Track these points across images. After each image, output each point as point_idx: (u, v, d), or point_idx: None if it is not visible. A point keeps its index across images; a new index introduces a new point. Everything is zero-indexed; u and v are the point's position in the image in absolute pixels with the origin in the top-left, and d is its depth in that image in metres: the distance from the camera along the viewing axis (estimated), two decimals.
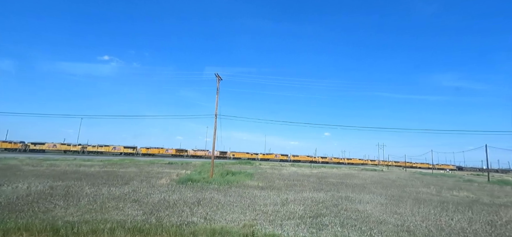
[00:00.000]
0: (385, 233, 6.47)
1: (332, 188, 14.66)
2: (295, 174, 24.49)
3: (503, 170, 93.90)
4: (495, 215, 9.32)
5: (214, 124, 16.65)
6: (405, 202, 11.14)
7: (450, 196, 14.54)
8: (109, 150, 64.45)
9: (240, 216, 7.32)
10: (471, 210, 9.99)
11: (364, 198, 11.70)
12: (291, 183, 16.12)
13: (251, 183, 14.99)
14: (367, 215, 8.17)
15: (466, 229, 7.20)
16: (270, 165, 47.42)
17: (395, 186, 18.11)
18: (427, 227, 7.21)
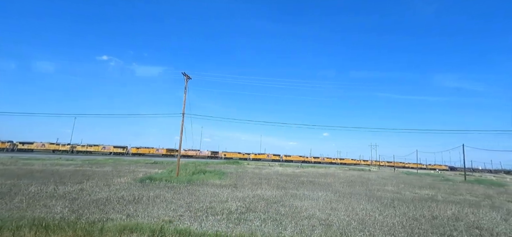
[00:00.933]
0: (300, 226, 6.64)
1: (292, 186, 14.83)
2: (273, 173, 24.67)
3: (496, 171, 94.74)
4: (428, 210, 9.52)
5: (181, 123, 16.74)
6: (352, 199, 11.34)
7: (409, 193, 14.79)
8: (98, 150, 64.24)
9: (169, 212, 7.45)
10: (412, 206, 10.21)
11: (314, 195, 11.89)
12: (258, 182, 16.26)
13: (216, 182, 15.11)
14: (299, 211, 8.34)
15: (384, 222, 7.42)
16: (258, 164, 47.58)
17: (363, 185, 18.33)
18: (349, 221, 7.39)
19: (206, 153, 75.09)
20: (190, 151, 74.03)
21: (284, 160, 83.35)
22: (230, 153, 78.48)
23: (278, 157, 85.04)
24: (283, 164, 60.29)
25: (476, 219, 8.63)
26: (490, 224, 8.05)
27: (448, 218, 8.58)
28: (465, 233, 6.98)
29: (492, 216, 9.29)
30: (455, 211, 9.93)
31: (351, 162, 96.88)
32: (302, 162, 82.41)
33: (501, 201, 13.56)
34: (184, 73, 16.84)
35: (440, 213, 9.24)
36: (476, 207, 11.14)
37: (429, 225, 7.62)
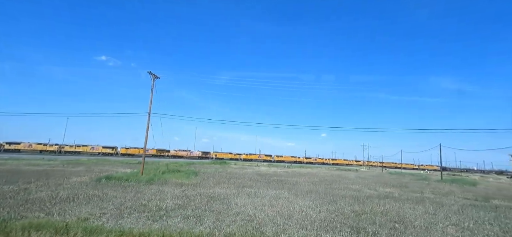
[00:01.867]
0: (219, 222, 6.70)
1: (254, 185, 14.90)
2: (251, 173, 24.72)
3: (488, 171, 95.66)
4: (366, 207, 9.65)
5: (147, 122, 16.73)
6: (302, 197, 11.43)
7: (369, 191, 14.95)
8: (87, 150, 63.84)
9: (95, 210, 7.45)
10: (355, 203, 10.34)
11: (267, 193, 12.01)
12: (224, 181, 16.31)
13: (180, 181, 15.12)
14: (232, 208, 8.41)
15: (309, 216, 7.59)
16: (245, 165, 47.62)
17: (331, 184, 18.47)
18: (274, 216, 7.47)
19: (197, 154, 74.95)
20: (180, 151, 73.88)
21: (276, 160, 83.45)
22: (222, 154, 78.41)
23: (270, 157, 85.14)
24: (272, 164, 60.37)
25: (404, 214, 8.81)
26: (412, 218, 8.21)
27: (378, 213, 8.73)
28: (380, 226, 7.11)
29: (423, 211, 9.48)
30: (394, 206, 10.10)
31: (343, 163, 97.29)
32: (294, 162, 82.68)
33: (452, 198, 13.71)
34: (150, 72, 16.85)
35: (374, 209, 9.39)
36: (419, 203, 11.34)
37: (352, 219, 7.75)
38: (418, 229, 7.21)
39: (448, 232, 7.08)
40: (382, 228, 7.07)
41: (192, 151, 74.95)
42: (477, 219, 8.85)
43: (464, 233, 7.12)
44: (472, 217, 9.05)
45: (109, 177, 13.62)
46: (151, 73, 16.86)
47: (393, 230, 7.02)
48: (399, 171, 52.63)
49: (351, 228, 6.94)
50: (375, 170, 56.87)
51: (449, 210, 10.26)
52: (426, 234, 6.82)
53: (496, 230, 7.48)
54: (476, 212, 10.12)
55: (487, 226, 7.94)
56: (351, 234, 6.47)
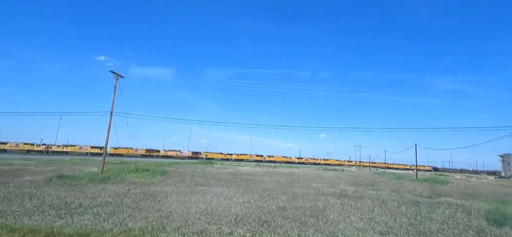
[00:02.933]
0: (133, 218, 6.82)
1: (213, 184, 15.07)
2: (224, 173, 24.81)
3: (481, 172, 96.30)
4: (300, 203, 9.82)
5: (108, 121, 16.79)
6: (249, 194, 11.58)
7: (325, 189, 15.21)
8: (75, 151, 63.64)
9: (11, 208, 7.54)
10: (295, 199, 10.50)
11: (218, 191, 12.20)
12: (189, 180, 16.53)
13: (140, 180, 15.24)
14: (158, 205, 8.55)
15: (232, 211, 7.85)
16: (233, 164, 47.76)
17: (294, 182, 18.69)
18: (196, 211, 7.67)
19: (188, 154, 74.89)
20: (170, 151, 73.80)
21: (267, 160, 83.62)
22: (212, 154, 78.44)
23: (261, 157, 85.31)
24: (261, 164, 60.49)
25: (328, 209, 9.03)
26: (332, 213, 8.45)
27: (302, 208, 8.98)
28: (293, 220, 7.30)
29: (353, 206, 9.72)
30: (329, 203, 10.37)
31: (335, 163, 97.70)
32: (285, 162, 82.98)
33: (402, 195, 13.90)
34: (113, 72, 16.93)
35: (303, 205, 9.61)
36: (360, 200, 11.54)
37: (271, 214, 7.97)
38: (328, 222, 7.39)
39: (353, 223, 7.29)
40: (292, 222, 7.26)
41: (182, 151, 74.90)
42: (398, 212, 9.07)
43: (371, 223, 7.34)
44: (397, 212, 9.26)
45: (62, 176, 13.68)
46: (114, 72, 16.94)
47: (302, 224, 7.20)
48: (380, 171, 53.07)
49: (261, 222, 7.12)
50: (364, 170, 57.24)
51: (383, 205, 10.47)
52: (331, 225, 7.01)
53: (404, 221, 7.72)
54: (407, 207, 10.34)
55: (402, 218, 8.16)
56: (257, 227, 6.62)
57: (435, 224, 7.89)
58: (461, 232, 7.21)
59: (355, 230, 6.93)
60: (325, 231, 6.70)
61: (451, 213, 9.79)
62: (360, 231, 6.90)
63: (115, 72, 16.96)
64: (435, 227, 7.52)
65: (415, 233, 6.93)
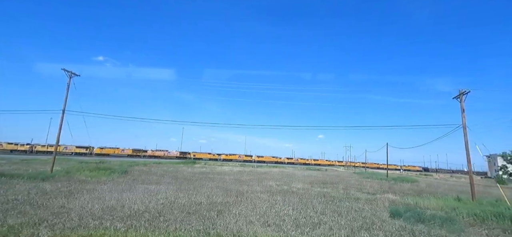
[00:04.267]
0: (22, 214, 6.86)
1: (160, 181, 15.11)
2: (191, 172, 24.86)
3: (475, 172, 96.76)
4: (219, 199, 9.88)
5: (60, 120, 16.78)
6: (177, 192, 11.64)
7: (278, 187, 15.35)
8: (59, 150, 63.17)
9: None
10: (230, 196, 10.60)
11: (150, 188, 12.20)
12: (146, 179, 16.55)
13: (87, 179, 15.26)
14: (68, 200, 8.60)
15: (136, 208, 7.82)
16: (215, 164, 47.74)
17: (253, 181, 18.77)
18: (114, 205, 7.67)
19: (175, 154, 74.69)
20: (157, 151, 73.62)
21: (256, 161, 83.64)
22: (200, 154, 78.35)
23: (250, 157, 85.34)
24: (246, 164, 60.54)
25: (238, 204, 9.09)
26: (239, 206, 8.54)
27: (220, 204, 9.11)
28: (193, 214, 7.37)
29: (279, 200, 9.81)
30: (263, 198, 10.39)
31: (325, 163, 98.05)
32: (275, 163, 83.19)
33: (347, 192, 14.04)
34: (65, 70, 16.92)
35: (228, 200, 9.81)
36: (290, 195, 11.65)
37: (177, 208, 7.98)
38: (224, 217, 7.50)
39: (249, 217, 7.41)
40: (189, 216, 7.36)
41: (169, 151, 74.72)
42: (309, 206, 9.22)
43: (265, 216, 7.45)
44: (309, 206, 9.40)
45: (3, 175, 13.65)
46: (66, 70, 16.93)
47: (199, 218, 7.29)
48: (359, 171, 53.35)
49: (154, 216, 7.21)
50: (351, 170, 57.54)
51: (303, 200, 10.62)
52: (224, 219, 7.15)
53: (305, 214, 7.84)
54: (325, 201, 10.48)
55: (306, 210, 8.25)
56: (143, 221, 6.70)
57: (331, 214, 8.00)
58: (350, 220, 7.33)
59: (244, 223, 7.03)
60: (209, 225, 6.78)
61: (360, 206, 9.94)
62: (249, 223, 7.00)
63: (68, 70, 16.96)
64: (327, 218, 7.65)
65: (300, 221, 7.05)
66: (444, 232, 7.11)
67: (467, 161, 12.58)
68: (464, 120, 12.86)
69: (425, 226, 7.62)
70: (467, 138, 12.66)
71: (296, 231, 6.64)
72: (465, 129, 12.79)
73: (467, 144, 12.63)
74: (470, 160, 12.53)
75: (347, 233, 6.64)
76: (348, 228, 7.05)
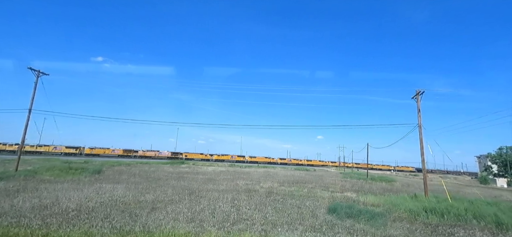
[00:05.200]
0: None
1: (125, 180, 15.13)
2: (169, 172, 24.86)
3: (470, 173, 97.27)
4: (162, 196, 9.95)
5: (26, 119, 16.74)
6: (134, 191, 11.67)
7: (240, 185, 15.37)
8: (49, 150, 63.03)
9: None
10: (177, 193, 10.66)
11: (106, 187, 12.23)
12: (111, 178, 16.53)
13: (51, 178, 15.24)
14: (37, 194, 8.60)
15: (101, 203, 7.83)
16: (205, 164, 47.71)
17: (224, 180, 18.80)
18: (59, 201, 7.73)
19: (166, 154, 74.56)
20: (149, 152, 73.47)
21: (249, 161, 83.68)
22: (193, 154, 78.32)
23: (243, 158, 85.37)
24: (235, 164, 60.53)
25: (187, 202, 9.14)
26: (182, 202, 8.58)
27: (162, 202, 9.08)
28: (123, 211, 7.41)
29: (226, 199, 9.89)
30: (215, 196, 10.46)
31: (318, 164, 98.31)
32: (268, 163, 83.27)
33: (301, 189, 14.12)
34: (32, 68, 16.88)
35: (174, 198, 9.79)
36: (249, 194, 11.70)
37: (135, 205, 8.01)
38: (163, 212, 7.59)
39: (184, 212, 7.48)
40: (118, 213, 7.37)
41: (161, 152, 74.58)
42: (251, 202, 9.28)
43: (200, 213, 7.51)
44: (252, 202, 9.46)
45: None
46: (33, 69, 16.89)
47: (128, 215, 7.31)
48: (361, 172, 53.49)
49: (86, 212, 7.27)
50: (343, 171, 57.76)
51: (254, 198, 10.68)
52: (152, 215, 7.20)
53: (246, 210, 7.89)
54: (273, 198, 10.54)
55: (246, 207, 8.32)
56: (74, 216, 6.71)
57: (267, 210, 8.07)
58: (283, 216, 7.40)
59: (170, 219, 7.07)
60: (131, 222, 6.81)
61: (306, 204, 10.02)
62: (173, 220, 7.05)
63: (35, 69, 16.92)
64: (258, 214, 7.71)
65: (229, 217, 7.12)
66: (367, 226, 7.20)
67: (421, 160, 12.71)
68: (419, 119, 13.01)
69: (352, 220, 7.70)
70: (422, 136, 12.81)
71: (216, 226, 6.69)
72: (420, 128, 12.92)
73: (422, 142, 12.77)
74: (424, 159, 12.66)
75: (268, 228, 6.71)
76: (271, 223, 7.10)
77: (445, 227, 7.58)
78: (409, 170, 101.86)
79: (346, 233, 6.69)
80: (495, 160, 45.21)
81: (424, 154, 12.56)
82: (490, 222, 7.83)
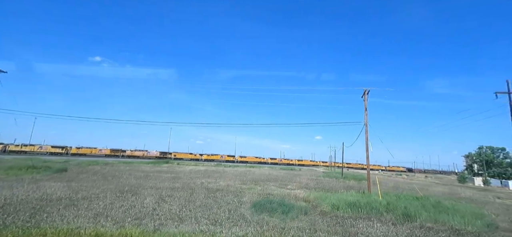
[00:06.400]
0: None
1: (79, 179, 15.15)
2: (143, 171, 24.86)
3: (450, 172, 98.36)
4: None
5: None
6: (81, 189, 11.70)
7: (206, 184, 15.54)
8: (34, 150, 62.44)
9: None
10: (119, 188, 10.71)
11: (52, 186, 12.25)
12: (74, 178, 16.53)
13: (5, 177, 15.21)
14: None
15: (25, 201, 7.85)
16: (190, 164, 47.68)
17: (193, 178, 18.90)
18: None
19: (155, 154, 74.28)
20: (136, 151, 73.17)
21: (239, 161, 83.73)
22: (181, 154, 78.16)
23: (233, 157, 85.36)
24: (222, 164, 60.54)
25: (130, 199, 9.22)
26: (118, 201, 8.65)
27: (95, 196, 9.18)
28: (66, 206, 7.45)
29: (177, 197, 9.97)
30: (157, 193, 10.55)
31: (309, 164, 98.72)
32: (258, 163, 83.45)
33: (269, 190, 14.26)
34: None
35: (131, 195, 9.86)
36: (190, 190, 11.86)
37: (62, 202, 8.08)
38: (81, 209, 7.61)
39: (115, 206, 7.56)
40: (36, 210, 7.41)
41: (149, 152, 74.32)
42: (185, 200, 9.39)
43: (132, 208, 7.61)
44: (190, 199, 9.56)
45: None
46: None
47: (44, 213, 7.36)
48: (348, 172, 53.85)
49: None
50: (329, 170, 58.15)
51: (195, 195, 10.79)
52: (77, 209, 7.27)
53: (174, 207, 7.96)
54: (223, 198, 10.66)
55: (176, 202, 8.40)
56: None
57: (191, 207, 8.17)
58: (205, 211, 7.51)
59: (76, 216, 7.13)
60: (40, 219, 6.86)
61: (238, 199, 10.16)
62: (77, 217, 7.11)
63: None
64: (177, 209, 7.82)
65: (153, 214, 7.22)
66: (277, 220, 7.34)
67: (366, 156, 12.90)
68: (366, 118, 13.20)
69: (267, 214, 7.84)
70: (367, 135, 12.99)
71: (114, 220, 6.74)
72: (367, 126, 13.11)
73: (367, 140, 12.95)
74: (368, 156, 12.87)
75: (169, 223, 6.79)
76: (179, 219, 7.20)
77: (353, 219, 7.76)
78: (400, 170, 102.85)
79: (255, 224, 6.82)
80: (475, 160, 45.81)
81: (368, 150, 12.77)
82: (400, 214, 8.04)
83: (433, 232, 6.96)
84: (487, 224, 7.79)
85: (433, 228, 7.18)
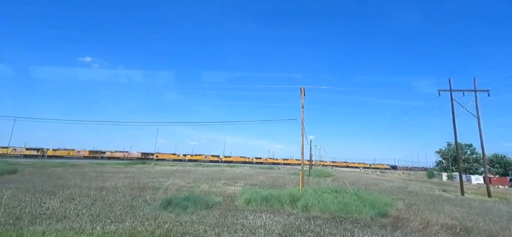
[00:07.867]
0: None
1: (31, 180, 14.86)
2: (109, 172, 24.52)
3: None
4: None
5: None
6: None
7: (176, 182, 15.57)
8: (8, 153, 60.42)
9: None
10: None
11: None
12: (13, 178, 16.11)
13: None
14: None
15: None
16: (168, 164, 47.27)
17: (165, 176, 18.81)
18: None
19: (136, 155, 73.21)
20: (117, 152, 71.86)
21: (223, 161, 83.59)
22: (164, 155, 77.37)
23: (217, 157, 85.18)
24: (201, 164, 60.30)
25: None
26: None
27: None
28: None
29: None
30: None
31: (294, 162, 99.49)
32: (243, 162, 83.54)
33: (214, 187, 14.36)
34: None
35: None
36: (154, 189, 11.81)
37: None
38: None
39: None
40: None
41: (130, 152, 73.18)
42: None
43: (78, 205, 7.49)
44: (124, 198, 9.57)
45: None
46: None
47: None
48: (322, 169, 54.70)
49: None
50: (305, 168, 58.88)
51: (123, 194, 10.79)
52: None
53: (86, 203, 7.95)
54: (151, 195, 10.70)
55: None
56: None
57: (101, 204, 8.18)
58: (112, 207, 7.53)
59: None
60: None
61: (156, 196, 10.24)
62: None
63: None
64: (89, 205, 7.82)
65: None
66: (172, 214, 7.45)
67: (301, 152, 13.28)
68: (302, 115, 13.58)
69: (168, 210, 7.96)
70: (303, 131, 13.39)
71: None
72: (303, 123, 13.49)
73: (303, 137, 13.35)
74: (303, 151, 13.24)
75: (50, 221, 6.79)
76: (75, 215, 7.22)
77: (251, 212, 7.99)
78: (384, 167, 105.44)
79: (141, 219, 6.93)
80: (444, 156, 47.50)
81: (303, 147, 13.14)
82: (299, 206, 8.42)
83: (318, 219, 7.30)
84: (381, 213, 8.18)
85: (319, 217, 7.51)
